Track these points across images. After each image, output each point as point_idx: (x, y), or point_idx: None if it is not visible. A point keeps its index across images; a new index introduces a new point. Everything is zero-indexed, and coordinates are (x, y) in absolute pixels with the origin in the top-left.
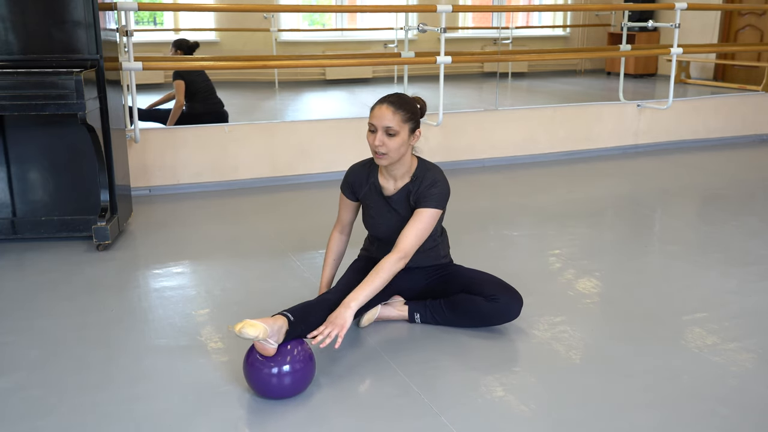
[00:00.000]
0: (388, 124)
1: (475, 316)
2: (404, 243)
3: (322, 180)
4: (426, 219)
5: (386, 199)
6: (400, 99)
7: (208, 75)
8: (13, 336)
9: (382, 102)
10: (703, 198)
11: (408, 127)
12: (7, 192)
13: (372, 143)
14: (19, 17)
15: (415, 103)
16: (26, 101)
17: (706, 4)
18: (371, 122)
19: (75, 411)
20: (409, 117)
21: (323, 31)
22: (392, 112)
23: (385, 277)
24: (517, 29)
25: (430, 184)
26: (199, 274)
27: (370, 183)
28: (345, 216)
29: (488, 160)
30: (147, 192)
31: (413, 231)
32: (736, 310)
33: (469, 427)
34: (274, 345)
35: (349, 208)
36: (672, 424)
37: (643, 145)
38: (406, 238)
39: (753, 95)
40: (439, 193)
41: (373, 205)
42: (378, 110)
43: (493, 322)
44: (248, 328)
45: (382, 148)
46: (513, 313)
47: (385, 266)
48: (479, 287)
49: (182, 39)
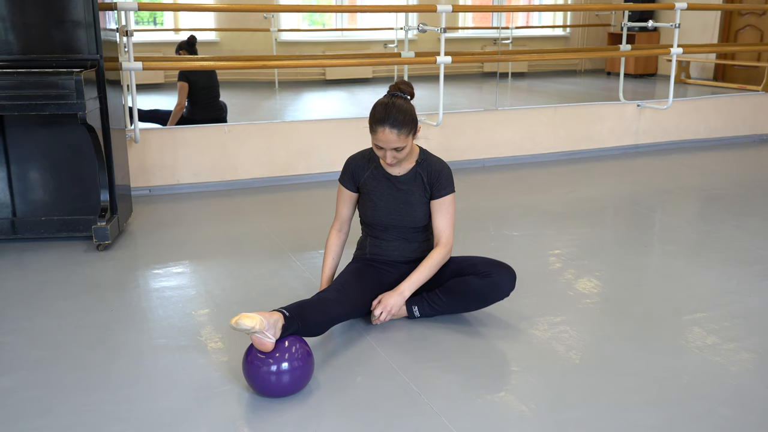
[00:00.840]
0: (395, 146)
1: (471, 295)
2: (445, 235)
3: (322, 180)
4: (450, 205)
5: (393, 180)
6: (398, 120)
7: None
8: (13, 336)
9: (383, 125)
10: (703, 198)
11: (411, 136)
12: (7, 192)
13: (384, 159)
14: (19, 17)
15: (409, 114)
16: (26, 101)
17: (706, 4)
18: (377, 144)
19: (75, 411)
20: (410, 129)
21: (323, 31)
22: (396, 135)
23: (434, 269)
24: (517, 29)
25: (438, 172)
26: (199, 274)
27: (372, 168)
28: (344, 211)
29: (488, 160)
30: (147, 192)
31: (446, 221)
32: (736, 310)
33: (469, 427)
34: (272, 339)
35: (349, 201)
36: (672, 424)
37: (643, 145)
38: (444, 230)
39: (753, 95)
40: (448, 178)
41: (376, 186)
42: (382, 135)
43: (489, 299)
44: (244, 320)
45: (394, 161)
46: (507, 286)
47: (434, 259)
48: (471, 267)
49: (182, 41)
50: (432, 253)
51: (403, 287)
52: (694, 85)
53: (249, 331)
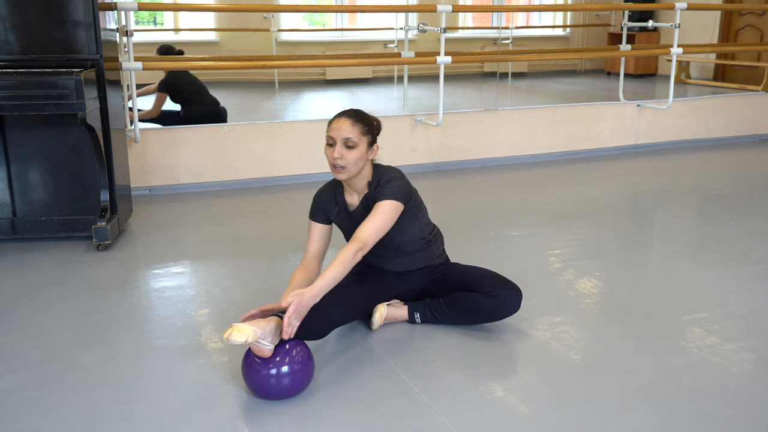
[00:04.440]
0: (347, 136)
1: (475, 312)
2: (362, 233)
3: (322, 180)
4: (383, 210)
5: (351, 215)
6: (357, 113)
7: (203, 76)
8: (13, 336)
9: (341, 115)
10: (703, 198)
11: (366, 141)
12: (7, 192)
13: (330, 156)
14: (19, 17)
15: (372, 119)
16: (26, 101)
17: (706, 4)
18: (330, 135)
19: (75, 411)
20: (367, 130)
21: (323, 31)
22: (351, 125)
23: (343, 269)
24: (517, 29)
25: (386, 181)
26: (199, 274)
27: (338, 203)
28: (314, 246)
29: (488, 160)
30: (147, 192)
31: (371, 222)
32: (736, 310)
33: (469, 427)
34: (270, 346)
35: (321, 235)
36: (672, 424)
37: (643, 145)
38: (364, 229)
39: (753, 95)
40: (394, 186)
41: (342, 224)
42: (336, 123)
43: (494, 317)
44: (235, 335)
45: (341, 161)
46: (513, 306)
47: (343, 258)
48: (477, 284)
49: (161, 45)
50: (341, 251)
51: (317, 287)
52: (694, 85)
53: (241, 345)
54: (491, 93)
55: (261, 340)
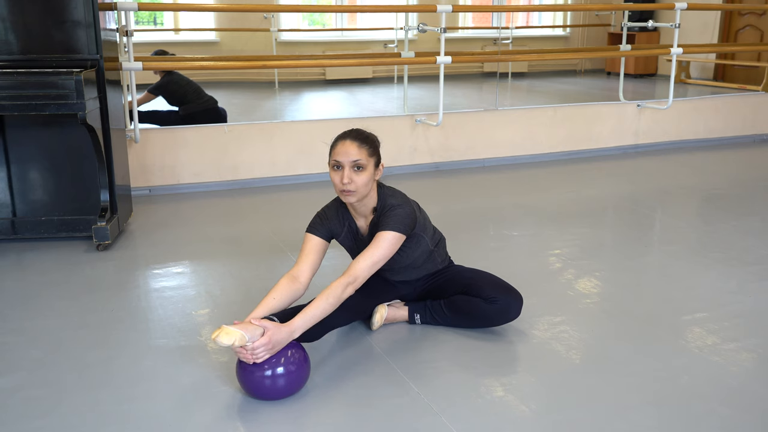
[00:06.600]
0: (355, 158)
1: (476, 316)
2: (355, 267)
3: (322, 180)
4: (382, 243)
5: (360, 241)
6: (361, 134)
7: (203, 76)
8: (13, 336)
9: (344, 138)
10: (703, 198)
11: (373, 162)
12: (7, 192)
13: (339, 181)
14: (19, 17)
15: (374, 137)
16: (26, 101)
17: (706, 4)
18: (336, 159)
19: (75, 411)
20: (373, 151)
21: (323, 31)
22: (357, 147)
23: (332, 303)
24: (517, 29)
25: (389, 208)
26: (199, 274)
27: (346, 225)
28: (310, 258)
29: (488, 160)
30: (147, 192)
31: (367, 256)
32: (736, 310)
33: (469, 427)
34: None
35: (319, 248)
36: (672, 424)
37: (643, 145)
38: (359, 262)
39: (753, 95)
40: (397, 215)
41: (349, 245)
42: (342, 146)
43: (494, 323)
44: (222, 337)
45: (351, 185)
46: (513, 313)
47: (332, 291)
48: (478, 289)
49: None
50: (332, 284)
51: (295, 324)
52: (694, 85)
53: (228, 347)
54: (491, 93)
55: (249, 343)
